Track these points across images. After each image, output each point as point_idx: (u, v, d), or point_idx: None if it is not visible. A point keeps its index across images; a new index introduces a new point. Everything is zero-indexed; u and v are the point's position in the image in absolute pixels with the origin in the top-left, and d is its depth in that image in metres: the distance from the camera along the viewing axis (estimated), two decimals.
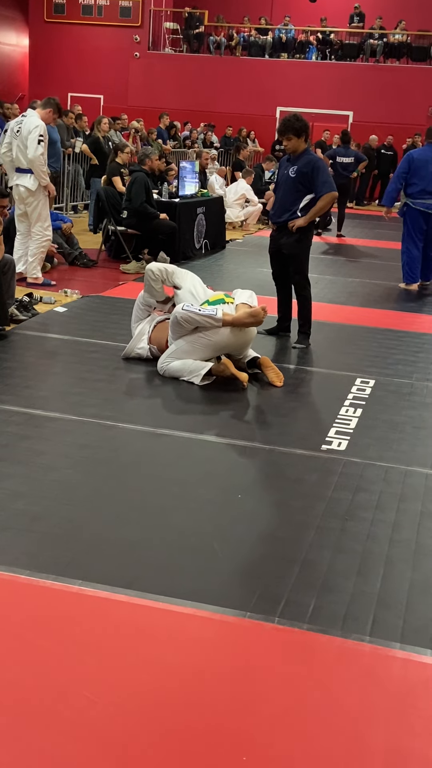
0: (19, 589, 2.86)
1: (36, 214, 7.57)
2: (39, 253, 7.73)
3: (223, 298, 5.41)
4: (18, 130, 7.51)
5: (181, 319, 5.15)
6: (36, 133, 7.37)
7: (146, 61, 21.49)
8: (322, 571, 3.09)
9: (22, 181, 7.51)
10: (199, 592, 2.89)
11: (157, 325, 5.59)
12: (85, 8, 21.69)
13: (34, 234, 7.63)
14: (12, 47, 21.93)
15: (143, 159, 9.18)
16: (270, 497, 3.76)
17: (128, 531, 3.30)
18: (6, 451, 3.97)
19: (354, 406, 4.99)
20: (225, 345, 5.25)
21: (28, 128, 7.42)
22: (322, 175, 6.05)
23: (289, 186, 6.16)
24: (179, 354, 5.24)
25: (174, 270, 5.64)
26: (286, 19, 21.84)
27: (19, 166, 7.55)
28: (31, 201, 7.53)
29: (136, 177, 8.93)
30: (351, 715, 2.37)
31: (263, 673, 2.54)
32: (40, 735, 2.21)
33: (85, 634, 2.66)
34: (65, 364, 5.58)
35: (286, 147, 6.17)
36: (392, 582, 3.06)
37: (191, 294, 5.44)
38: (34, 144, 7.36)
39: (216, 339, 5.19)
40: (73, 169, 12.70)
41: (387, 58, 21.13)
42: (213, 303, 5.34)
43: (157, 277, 5.54)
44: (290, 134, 6.06)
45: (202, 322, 5.14)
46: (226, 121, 19.62)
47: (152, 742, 2.21)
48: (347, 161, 12.78)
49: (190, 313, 5.14)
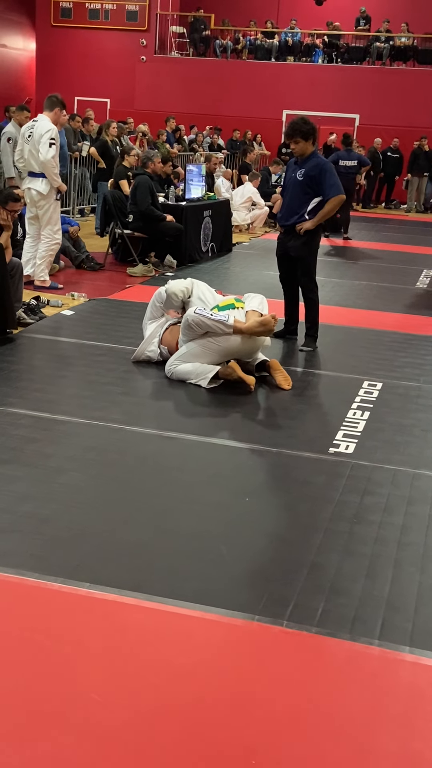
0: (27, 592, 2.86)
1: (47, 218, 7.60)
2: (47, 256, 7.75)
3: (233, 303, 5.39)
4: (30, 135, 7.54)
5: (193, 323, 5.15)
6: (47, 137, 7.41)
7: (153, 65, 21.52)
8: (330, 574, 3.09)
9: (34, 185, 7.55)
10: (207, 595, 2.88)
11: (169, 327, 5.58)
12: (91, 12, 21.73)
13: (44, 237, 7.66)
14: (19, 51, 21.98)
15: (146, 162, 9.20)
16: (278, 500, 3.76)
17: (136, 534, 3.30)
18: (14, 454, 3.98)
19: (361, 409, 4.98)
20: (235, 351, 5.25)
21: (40, 132, 7.45)
22: (329, 178, 6.04)
23: (296, 189, 6.15)
24: (188, 357, 5.24)
25: (192, 284, 5.58)
26: (292, 23, 21.84)
27: (31, 170, 7.60)
28: (43, 204, 7.56)
29: (139, 180, 8.95)
30: (360, 719, 2.37)
31: (272, 676, 2.53)
32: (48, 737, 2.21)
33: (93, 636, 2.66)
34: (72, 367, 5.58)
35: (294, 150, 6.16)
36: (401, 585, 3.05)
37: (200, 300, 5.43)
38: (46, 147, 7.40)
39: (226, 345, 5.19)
40: (80, 172, 12.72)
41: (393, 61, 21.10)
42: (223, 308, 5.32)
43: (179, 298, 5.51)
44: (298, 137, 6.06)
45: (213, 327, 5.13)
46: (233, 125, 19.64)
47: (160, 744, 2.21)
48: (350, 164, 12.78)
49: (202, 317, 5.13)
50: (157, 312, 5.69)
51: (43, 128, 7.47)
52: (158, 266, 9.30)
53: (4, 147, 9.73)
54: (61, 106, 7.79)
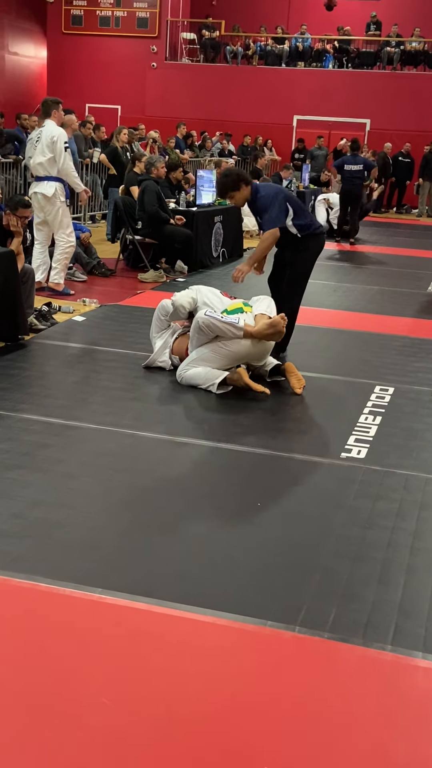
0: (38, 597, 2.87)
1: (57, 222, 7.60)
2: (63, 260, 7.76)
3: (242, 307, 5.39)
4: (38, 140, 7.57)
5: (203, 325, 5.15)
6: (60, 143, 7.41)
7: (163, 72, 21.59)
8: (342, 580, 3.08)
9: (39, 189, 7.56)
10: (218, 600, 2.88)
11: (179, 336, 5.59)
12: (102, 20, 21.83)
13: (58, 241, 7.68)
14: (30, 59, 22.10)
15: (150, 167, 9.23)
16: (289, 505, 3.75)
17: (147, 539, 3.30)
18: (26, 460, 3.99)
19: (373, 414, 4.96)
20: (245, 355, 5.25)
21: (47, 137, 7.45)
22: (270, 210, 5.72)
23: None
24: (199, 362, 5.24)
25: (197, 292, 5.54)
26: (302, 28, 21.87)
27: (37, 174, 7.61)
28: (50, 209, 7.56)
29: (146, 185, 8.98)
30: (373, 725, 2.35)
31: (284, 681, 2.52)
32: (59, 742, 2.20)
33: (104, 641, 2.66)
34: (84, 373, 5.59)
35: (236, 204, 5.94)
36: (414, 590, 3.04)
37: (206, 305, 5.42)
38: (62, 154, 7.41)
39: (236, 349, 5.19)
40: (91, 179, 12.76)
41: (404, 66, 21.10)
42: (231, 312, 5.33)
43: (187, 309, 5.46)
44: (229, 192, 5.81)
45: (224, 329, 5.13)
46: (244, 130, 19.66)
47: (171, 749, 2.20)
48: (356, 169, 12.74)
49: (213, 320, 5.13)
50: (163, 324, 5.67)
51: (50, 133, 7.45)
52: (169, 272, 9.32)
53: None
54: (56, 106, 7.76)
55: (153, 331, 5.73)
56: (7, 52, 21.04)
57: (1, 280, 5.72)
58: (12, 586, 2.91)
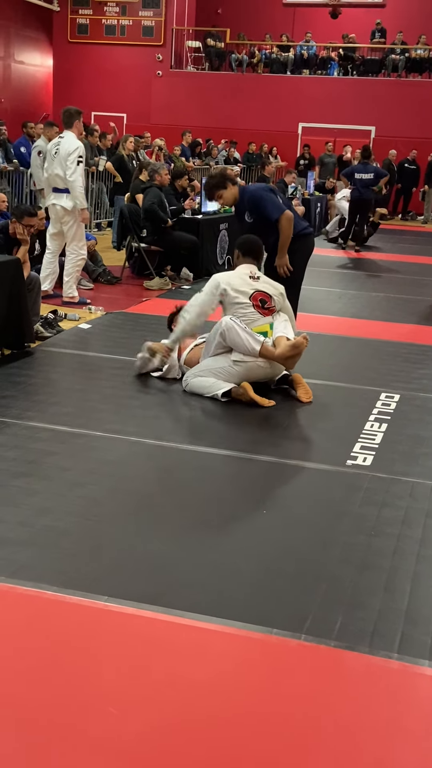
0: (45, 605, 2.87)
1: (72, 233, 7.65)
2: (75, 272, 7.80)
3: (267, 331, 5.29)
4: (56, 152, 7.58)
5: (225, 328, 5.13)
6: (75, 155, 7.45)
7: (169, 80, 21.67)
8: (348, 588, 3.07)
9: (58, 201, 7.59)
10: (224, 608, 2.88)
11: (193, 348, 5.60)
12: (108, 28, 21.93)
13: (70, 253, 7.71)
14: (36, 68, 22.20)
15: (153, 175, 9.27)
16: (295, 513, 3.75)
17: (154, 547, 3.30)
18: (32, 467, 3.99)
19: (379, 421, 4.96)
20: (254, 377, 5.22)
21: (67, 150, 7.47)
22: (266, 204, 5.72)
23: (257, 231, 5.80)
24: (206, 373, 5.24)
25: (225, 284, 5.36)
26: (307, 36, 21.94)
27: (56, 186, 7.62)
28: (68, 220, 7.61)
29: (149, 191, 9.03)
30: (379, 733, 2.35)
31: (289, 689, 2.52)
32: (66, 751, 2.20)
33: (110, 649, 2.66)
34: (90, 381, 5.61)
35: (224, 203, 5.92)
36: (420, 598, 3.03)
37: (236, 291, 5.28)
38: (74, 166, 7.44)
39: (245, 370, 5.17)
40: (97, 187, 12.81)
41: (409, 73, 21.14)
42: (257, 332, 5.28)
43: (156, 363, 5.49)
44: (216, 191, 5.80)
45: (243, 338, 5.07)
46: (249, 138, 19.71)
47: (178, 758, 2.20)
48: (366, 177, 12.70)
49: (235, 326, 5.11)
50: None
51: (70, 146, 7.48)
52: (174, 279, 9.34)
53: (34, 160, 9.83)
54: (78, 117, 7.83)
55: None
56: (13, 60, 21.14)
57: (7, 288, 5.74)
58: (18, 594, 2.91)
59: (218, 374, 5.21)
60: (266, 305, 5.36)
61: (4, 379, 5.34)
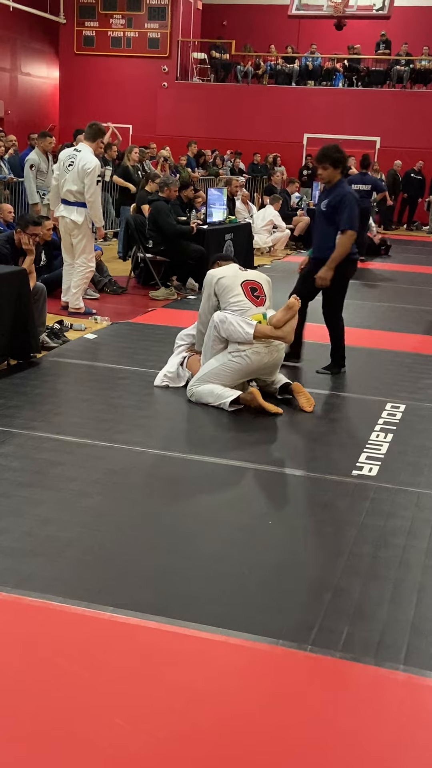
0: (50, 616, 2.87)
1: (81, 247, 7.65)
2: (82, 284, 7.80)
3: (261, 321, 5.36)
4: (70, 164, 7.54)
5: (217, 321, 5.20)
6: (94, 175, 7.44)
7: (174, 91, 21.74)
8: (354, 599, 3.07)
9: (69, 215, 7.58)
10: (230, 619, 2.87)
11: (194, 354, 5.63)
12: (114, 40, 22.02)
13: (78, 266, 7.71)
14: (43, 79, 22.31)
15: (162, 187, 9.28)
16: (301, 523, 3.74)
17: (159, 557, 3.30)
18: (38, 478, 4.00)
19: (385, 431, 4.96)
20: (255, 369, 5.25)
21: (84, 166, 7.44)
22: (347, 210, 5.86)
23: (321, 221, 6.06)
24: (209, 377, 5.25)
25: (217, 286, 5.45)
26: (312, 48, 22.01)
27: (66, 199, 7.60)
28: (77, 233, 7.62)
29: (156, 206, 9.01)
30: (385, 745, 2.34)
31: (295, 701, 2.51)
32: (72, 762, 2.20)
33: (116, 660, 2.65)
34: (96, 391, 5.61)
35: (321, 176, 6.06)
36: (426, 609, 3.02)
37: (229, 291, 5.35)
38: (93, 186, 7.44)
39: (245, 363, 5.19)
40: (103, 197, 12.82)
41: (414, 84, 21.19)
42: None
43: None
44: (327, 163, 5.95)
45: (235, 325, 5.13)
46: (254, 149, 19.77)
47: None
48: (364, 188, 12.66)
49: (226, 315, 5.19)
50: (185, 340, 5.79)
51: (87, 162, 7.44)
52: (180, 289, 9.35)
53: (27, 174, 9.83)
54: (102, 136, 7.87)
55: (174, 354, 5.79)
56: (19, 72, 21.25)
57: (13, 299, 5.76)
58: (24, 605, 2.91)
59: (221, 375, 5.22)
60: (256, 293, 5.39)
61: (10, 389, 5.35)
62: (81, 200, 7.52)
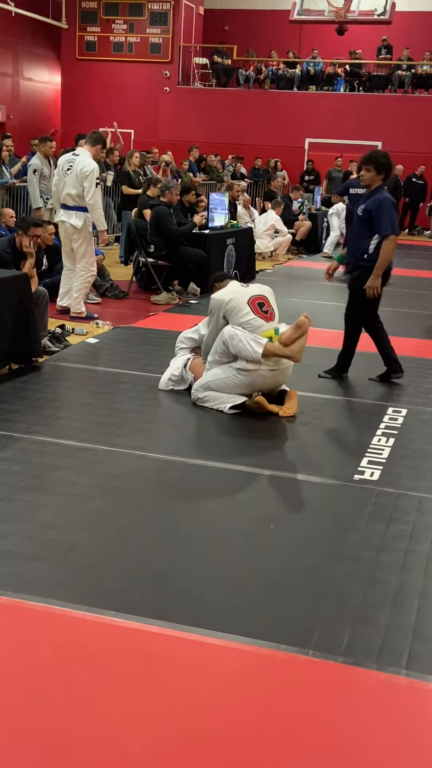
0: (51, 620, 2.86)
1: (81, 251, 7.66)
2: (83, 289, 7.80)
3: (272, 337, 5.29)
4: (69, 168, 7.55)
5: (227, 337, 5.16)
6: (93, 178, 7.44)
7: (176, 96, 21.78)
8: (356, 603, 3.06)
9: (68, 219, 7.58)
10: (231, 624, 2.86)
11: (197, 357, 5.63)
12: (116, 45, 22.06)
13: (79, 270, 7.71)
14: (45, 84, 22.35)
15: (164, 191, 9.29)
16: (302, 528, 3.74)
17: (160, 561, 3.30)
18: (39, 482, 3.99)
19: (386, 436, 4.95)
20: (260, 385, 5.23)
21: (82, 169, 7.45)
22: (385, 214, 5.81)
23: (358, 226, 6.02)
24: (213, 386, 5.24)
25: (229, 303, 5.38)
26: (314, 53, 22.05)
27: (66, 204, 7.60)
28: (77, 238, 7.62)
29: (157, 211, 9.02)
30: (387, 750, 2.33)
31: (297, 705, 2.50)
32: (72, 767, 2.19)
33: (117, 665, 2.65)
34: (97, 395, 5.61)
35: (363, 177, 6.00)
36: (428, 614, 3.02)
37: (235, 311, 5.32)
38: (92, 188, 7.43)
39: (249, 380, 5.17)
40: (104, 202, 12.84)
41: (415, 89, 21.22)
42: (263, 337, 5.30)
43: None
44: (371, 165, 5.88)
45: (245, 342, 5.09)
46: (256, 153, 19.79)
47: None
48: (361, 192, 12.67)
49: (237, 332, 5.14)
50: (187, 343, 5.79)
51: (86, 166, 7.46)
52: (182, 294, 9.36)
53: (30, 179, 9.85)
54: (102, 145, 7.87)
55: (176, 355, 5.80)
56: (22, 77, 21.29)
57: (15, 303, 5.76)
58: (25, 609, 2.91)
59: (225, 385, 5.22)
60: (264, 308, 5.37)
61: (11, 393, 5.35)
62: (80, 204, 7.53)
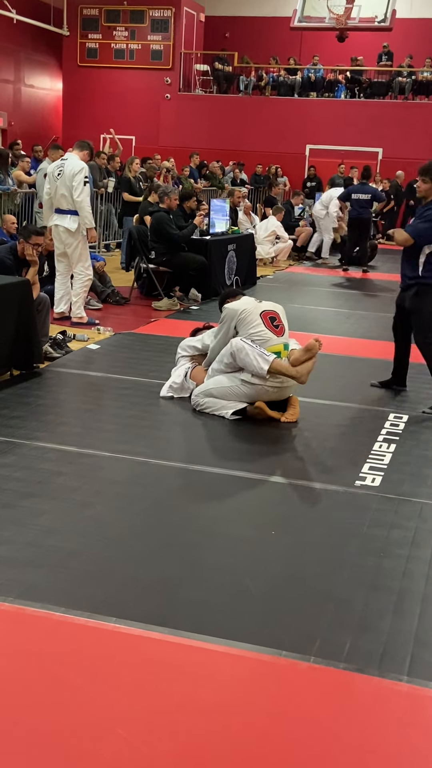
0: (53, 626, 2.86)
1: (77, 255, 7.67)
2: (82, 293, 7.81)
3: (281, 352, 5.29)
4: (59, 173, 7.60)
5: (235, 349, 5.16)
6: (81, 176, 7.48)
7: (177, 103, 21.83)
8: (357, 610, 3.06)
9: (62, 222, 7.60)
10: (233, 630, 2.86)
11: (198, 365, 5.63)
12: (117, 52, 22.12)
13: (77, 274, 7.73)
14: (46, 91, 22.40)
15: (162, 197, 9.30)
16: (304, 534, 3.73)
17: (161, 568, 3.30)
18: (40, 488, 4.00)
19: (387, 442, 4.95)
20: (263, 399, 5.22)
21: (71, 171, 7.51)
22: (427, 222, 5.67)
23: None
24: (215, 393, 5.25)
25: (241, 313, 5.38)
26: (314, 59, 22.10)
27: (59, 207, 7.63)
28: (71, 242, 7.63)
29: (157, 217, 9.03)
30: (388, 756, 2.33)
31: (299, 712, 2.50)
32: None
33: (119, 671, 2.64)
34: (98, 401, 5.62)
35: (419, 188, 5.91)
36: (430, 620, 3.01)
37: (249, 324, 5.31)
38: (81, 186, 7.47)
39: (252, 393, 5.18)
40: (106, 208, 12.88)
41: (416, 95, 21.27)
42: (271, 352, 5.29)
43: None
44: (428, 177, 5.78)
45: (252, 357, 5.09)
46: (257, 160, 19.82)
47: None
48: (364, 198, 12.79)
49: (245, 345, 5.13)
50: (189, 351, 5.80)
51: (75, 166, 7.52)
52: (183, 300, 9.36)
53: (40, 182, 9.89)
54: (90, 152, 7.90)
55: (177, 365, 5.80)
56: (23, 84, 21.35)
57: (16, 309, 5.77)
58: (26, 615, 2.91)
59: (228, 394, 5.22)
60: (275, 322, 5.38)
61: (13, 399, 5.35)
62: (73, 208, 7.56)
